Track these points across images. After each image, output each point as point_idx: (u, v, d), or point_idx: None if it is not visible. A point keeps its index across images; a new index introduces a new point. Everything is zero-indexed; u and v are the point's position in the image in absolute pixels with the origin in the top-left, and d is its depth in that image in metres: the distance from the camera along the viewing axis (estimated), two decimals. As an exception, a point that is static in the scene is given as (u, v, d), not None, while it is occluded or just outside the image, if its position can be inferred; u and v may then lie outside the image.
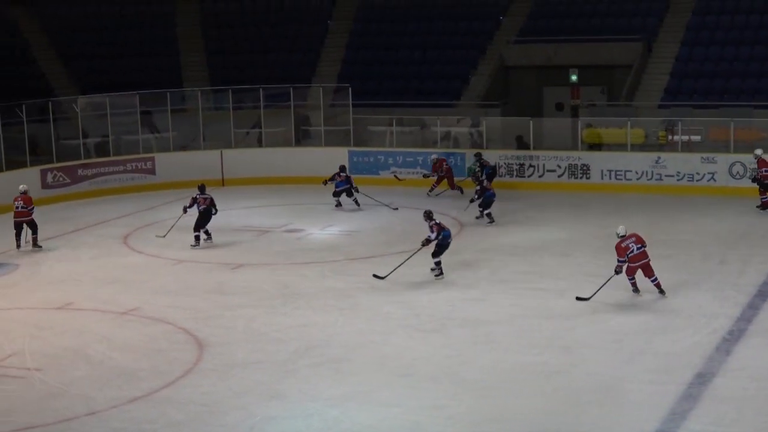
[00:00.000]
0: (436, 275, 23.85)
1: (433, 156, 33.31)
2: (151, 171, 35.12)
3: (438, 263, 23.90)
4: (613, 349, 19.14)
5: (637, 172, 33.17)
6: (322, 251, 26.74)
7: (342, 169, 31.47)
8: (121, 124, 36.02)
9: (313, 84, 40.23)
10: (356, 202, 31.14)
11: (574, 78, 38.56)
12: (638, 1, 41.51)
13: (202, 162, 35.52)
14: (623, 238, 21.71)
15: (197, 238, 27.21)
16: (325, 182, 31.15)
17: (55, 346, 20.00)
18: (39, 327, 21.27)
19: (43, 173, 33.44)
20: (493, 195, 29.00)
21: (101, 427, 16.32)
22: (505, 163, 34.15)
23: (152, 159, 35.26)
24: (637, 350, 19.04)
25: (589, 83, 39.13)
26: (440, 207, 29.92)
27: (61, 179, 33.70)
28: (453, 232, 25.20)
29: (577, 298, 21.83)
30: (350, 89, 35.97)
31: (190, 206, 27.19)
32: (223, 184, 35.07)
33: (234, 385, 17.83)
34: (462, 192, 32.20)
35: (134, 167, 34.99)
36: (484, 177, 30.10)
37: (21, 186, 27.86)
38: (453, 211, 30.27)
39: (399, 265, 23.70)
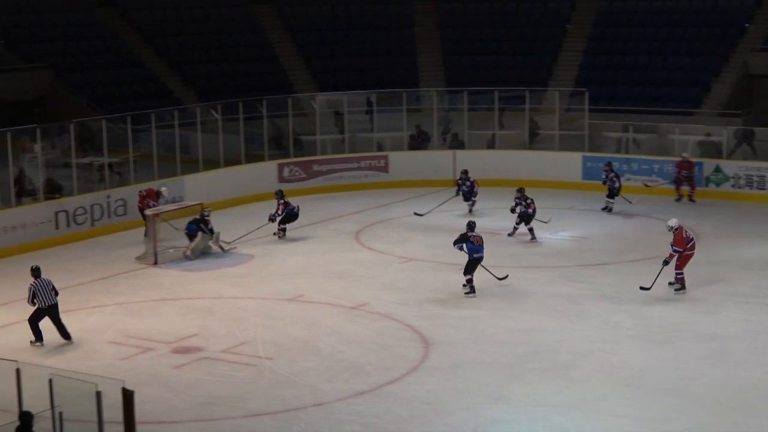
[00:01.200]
0: (466, 293, 23.02)
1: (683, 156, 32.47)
2: (384, 169, 35.40)
3: (469, 281, 23.01)
4: None
5: None
6: (552, 256, 26.41)
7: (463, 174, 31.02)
8: (357, 121, 36.45)
9: (550, 88, 39.80)
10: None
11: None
12: None
13: (434, 162, 35.57)
14: (680, 229, 22.56)
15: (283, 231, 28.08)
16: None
17: (285, 337, 20.37)
18: (271, 317, 21.71)
19: (280, 167, 34.10)
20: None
21: (327, 418, 16.55)
22: (744, 174, 32.97)
23: (386, 157, 35.53)
24: None
25: None
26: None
27: (297, 174, 34.32)
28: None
29: (641, 288, 22.48)
30: (587, 94, 35.46)
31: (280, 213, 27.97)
32: (454, 185, 34.89)
33: (459, 385, 17.80)
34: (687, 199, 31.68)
35: (368, 165, 35.30)
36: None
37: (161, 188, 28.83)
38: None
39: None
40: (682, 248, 22.53)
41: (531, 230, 27.73)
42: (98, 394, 13.28)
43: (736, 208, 28.75)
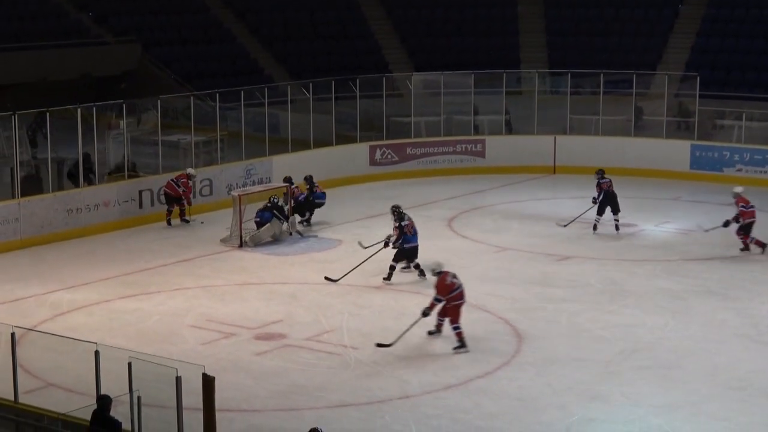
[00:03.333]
0: (384, 279, 22.72)
1: None
2: (481, 154, 34.73)
3: (391, 268, 22.81)
4: None
5: None
6: (655, 249, 25.79)
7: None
8: (454, 103, 35.82)
9: (658, 71, 38.81)
10: None
11: None
12: None
13: (534, 147, 34.97)
14: (442, 275, 19.24)
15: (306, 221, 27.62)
16: None
17: (372, 326, 20.14)
18: (358, 305, 21.56)
19: (372, 149, 33.68)
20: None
21: (414, 411, 16.31)
22: None
23: (483, 141, 34.89)
24: None
25: None
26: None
27: (389, 157, 33.85)
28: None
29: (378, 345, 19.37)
30: (698, 79, 34.30)
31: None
32: (554, 172, 34.38)
33: (553, 382, 17.47)
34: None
35: (464, 149, 34.70)
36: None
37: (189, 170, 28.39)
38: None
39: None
40: (444, 297, 19.12)
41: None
42: (178, 379, 13.30)
43: None
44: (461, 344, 18.76)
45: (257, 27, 43.58)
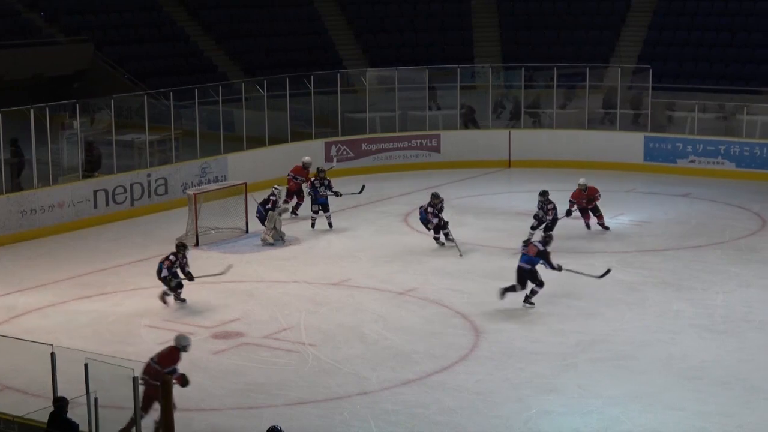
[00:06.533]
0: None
1: None
2: (436, 149, 34.70)
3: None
4: None
5: None
6: (610, 241, 25.84)
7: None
8: (409, 99, 35.80)
9: (611, 64, 38.99)
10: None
11: None
12: None
13: (489, 142, 35.01)
14: None
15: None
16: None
17: (330, 323, 20.14)
18: (315, 302, 21.47)
19: (327, 146, 33.61)
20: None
21: (372, 408, 16.28)
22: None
23: (438, 136, 34.86)
24: None
25: None
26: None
27: (345, 153, 33.77)
28: (754, 227, 23.72)
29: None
30: (650, 71, 34.47)
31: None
32: (509, 165, 34.43)
33: (510, 376, 17.49)
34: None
35: (419, 144, 34.67)
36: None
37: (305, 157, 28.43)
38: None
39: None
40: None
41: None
42: (135, 380, 13.25)
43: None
44: None
45: (211, 25, 43.33)
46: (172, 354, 15.53)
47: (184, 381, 15.31)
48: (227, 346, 18.91)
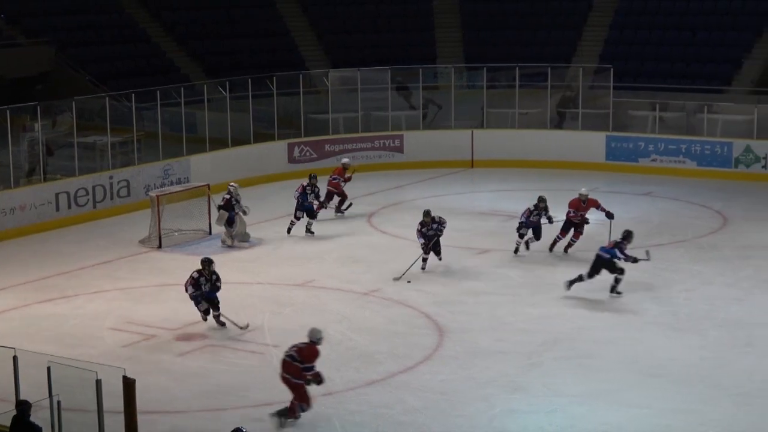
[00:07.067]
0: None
1: None
2: (399, 149, 34.69)
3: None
4: None
5: None
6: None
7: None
8: (372, 99, 35.75)
9: (573, 64, 39.09)
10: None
11: None
12: None
13: (451, 142, 34.99)
14: None
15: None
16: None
17: (294, 324, 19.89)
18: (279, 303, 21.44)
19: (290, 147, 33.52)
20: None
21: (337, 408, 16.31)
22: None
23: (401, 137, 34.85)
24: None
25: None
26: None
27: (308, 154, 33.69)
28: (716, 226, 23.82)
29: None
30: (612, 70, 34.61)
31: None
32: (472, 165, 34.46)
33: (475, 375, 17.52)
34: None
35: (382, 144, 34.65)
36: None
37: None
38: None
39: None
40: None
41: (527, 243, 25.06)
42: (98, 383, 13.21)
43: (767, 190, 28.08)
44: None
45: (172, 26, 43.04)
46: (311, 350, 15.67)
47: (320, 379, 15.61)
48: (191, 348, 18.86)
